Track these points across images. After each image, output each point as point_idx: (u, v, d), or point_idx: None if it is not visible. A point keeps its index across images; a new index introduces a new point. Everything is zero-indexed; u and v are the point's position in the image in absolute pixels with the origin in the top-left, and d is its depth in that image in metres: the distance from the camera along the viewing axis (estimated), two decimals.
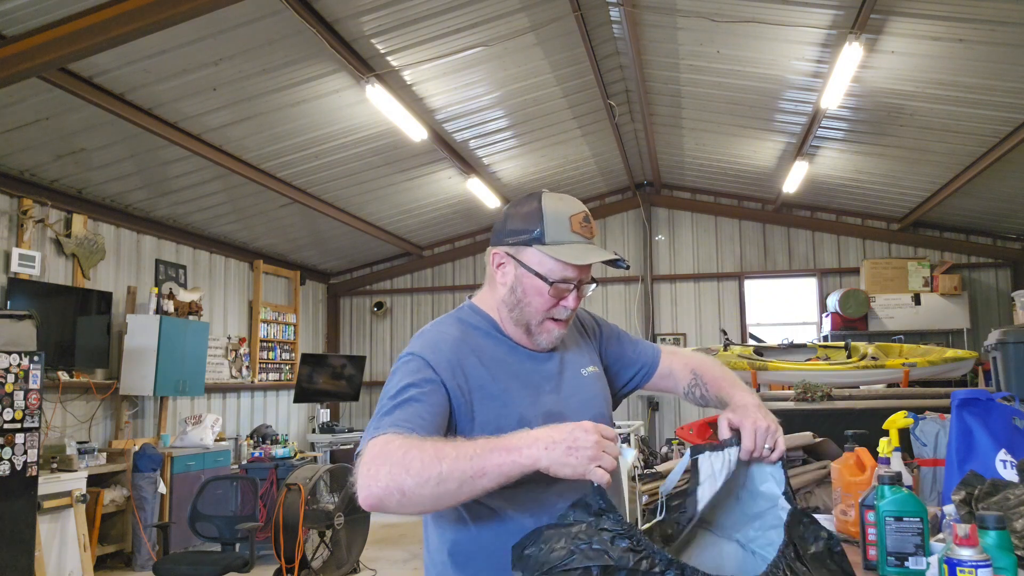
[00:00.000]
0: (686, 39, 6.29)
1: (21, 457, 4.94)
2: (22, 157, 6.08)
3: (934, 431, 2.98)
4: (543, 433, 1.25)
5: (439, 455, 1.24)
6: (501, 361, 1.54)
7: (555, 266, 1.52)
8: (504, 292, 1.58)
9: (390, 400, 1.41)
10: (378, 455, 1.28)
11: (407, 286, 11.23)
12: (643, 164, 9.83)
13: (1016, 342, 4.11)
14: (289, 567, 5.37)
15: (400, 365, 1.50)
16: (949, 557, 1.35)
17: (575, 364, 1.65)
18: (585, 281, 1.56)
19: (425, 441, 1.28)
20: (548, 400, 1.53)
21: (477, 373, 1.49)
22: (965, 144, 6.97)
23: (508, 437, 1.27)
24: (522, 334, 1.58)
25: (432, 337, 1.54)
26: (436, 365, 1.46)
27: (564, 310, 1.56)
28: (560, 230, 1.52)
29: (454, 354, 1.49)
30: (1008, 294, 9.12)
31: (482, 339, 1.57)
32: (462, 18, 5.63)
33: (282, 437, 8.86)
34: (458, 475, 1.23)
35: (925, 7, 5.04)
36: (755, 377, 6.74)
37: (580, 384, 1.62)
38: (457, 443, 1.28)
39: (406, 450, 1.26)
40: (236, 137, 6.51)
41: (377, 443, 1.30)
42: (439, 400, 1.43)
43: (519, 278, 1.55)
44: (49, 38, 4.43)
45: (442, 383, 1.45)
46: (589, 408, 1.57)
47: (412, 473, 1.23)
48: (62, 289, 6.62)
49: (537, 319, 1.56)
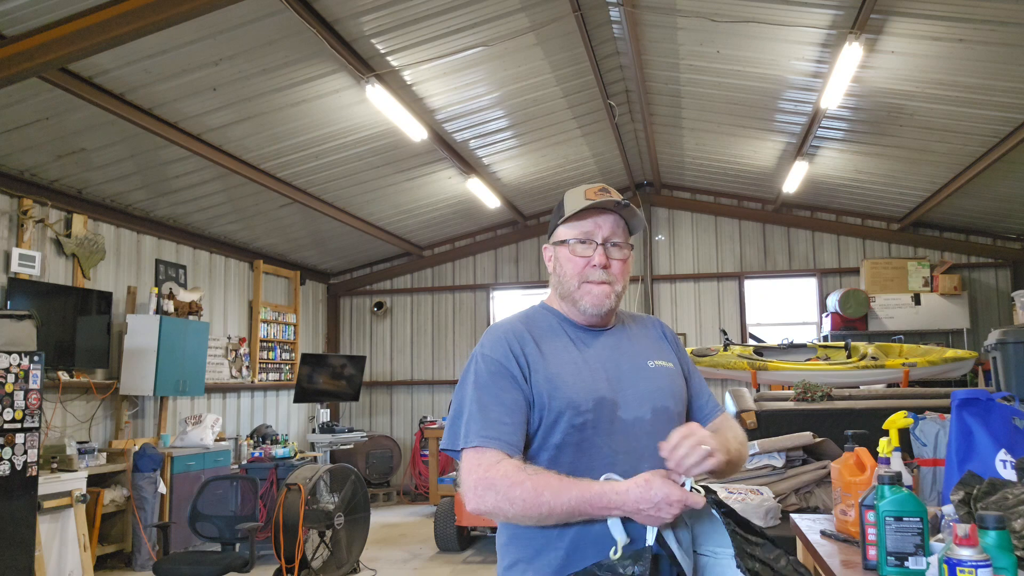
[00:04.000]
0: (686, 39, 6.29)
1: (21, 457, 4.95)
2: (22, 157, 6.08)
3: (934, 431, 2.98)
4: (632, 497, 1.41)
5: (539, 499, 1.44)
6: (559, 349, 1.65)
7: (571, 228, 1.69)
8: (553, 277, 1.75)
9: (474, 403, 1.57)
10: (483, 480, 1.48)
11: (407, 286, 11.23)
12: (643, 164, 9.83)
13: (1016, 342, 4.11)
14: (289, 567, 5.37)
15: (472, 365, 1.64)
16: (949, 557, 1.35)
17: (639, 355, 1.70)
18: (612, 241, 1.68)
19: (527, 476, 1.47)
20: (602, 387, 1.59)
21: (534, 360, 1.61)
22: (965, 144, 6.97)
23: (600, 494, 1.43)
24: (572, 309, 1.70)
25: (496, 334, 1.66)
26: (504, 359, 1.60)
27: (594, 270, 1.66)
28: (576, 203, 1.69)
29: (516, 345, 1.62)
30: (1008, 294, 9.13)
31: (544, 330, 1.69)
32: (462, 18, 5.63)
33: (282, 437, 8.87)
34: (554, 516, 1.45)
35: (925, 7, 5.04)
36: (755, 377, 6.74)
37: (643, 375, 1.66)
38: (554, 485, 1.45)
39: (511, 485, 1.46)
40: (236, 137, 6.51)
41: (480, 461, 1.50)
42: (515, 397, 1.57)
43: (556, 257, 1.73)
44: (49, 38, 4.43)
45: (512, 376, 1.58)
46: (648, 400, 1.62)
47: (515, 507, 1.46)
48: (62, 289, 6.62)
49: (574, 284, 1.67)
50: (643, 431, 1.58)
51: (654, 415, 1.61)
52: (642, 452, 1.55)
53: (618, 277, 1.68)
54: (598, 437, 1.55)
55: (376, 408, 11.12)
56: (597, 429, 1.56)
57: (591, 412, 1.55)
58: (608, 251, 1.67)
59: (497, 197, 9.14)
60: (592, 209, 1.67)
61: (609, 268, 1.67)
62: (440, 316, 11.09)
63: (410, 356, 11.09)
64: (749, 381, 6.84)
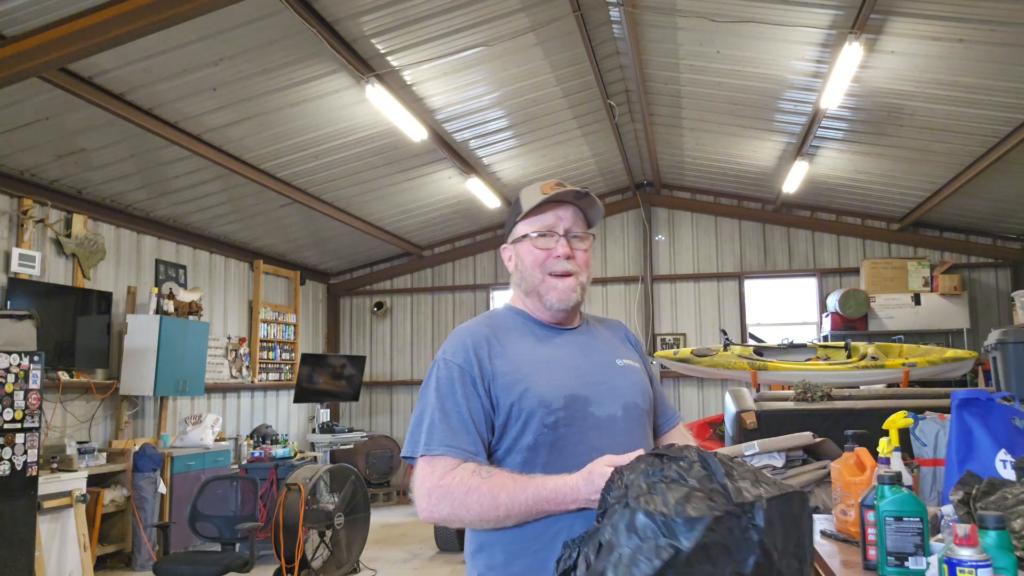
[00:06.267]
0: (686, 39, 6.29)
1: (21, 457, 4.95)
2: (22, 157, 6.08)
3: (934, 431, 2.98)
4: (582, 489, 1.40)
5: (495, 502, 1.43)
6: (528, 350, 1.62)
7: (531, 223, 1.67)
8: (515, 276, 1.72)
9: (436, 411, 1.55)
10: (437, 488, 1.47)
11: (407, 286, 11.23)
12: (643, 164, 9.83)
13: (1016, 342, 4.11)
14: (289, 567, 5.37)
15: (434, 371, 1.61)
16: (949, 557, 1.35)
17: (608, 353, 1.70)
18: (574, 233, 1.67)
19: (481, 480, 1.45)
20: (572, 384, 1.57)
21: (500, 362, 1.58)
22: (965, 144, 6.97)
23: (555, 489, 1.42)
24: (538, 305, 1.68)
25: (459, 337, 1.63)
26: (465, 364, 1.57)
27: (558, 261, 1.65)
28: (531, 198, 1.68)
29: (480, 349, 1.59)
30: (1008, 294, 9.12)
31: (510, 331, 1.66)
32: (462, 18, 5.63)
33: (282, 437, 8.87)
34: (512, 518, 1.45)
35: (925, 7, 5.04)
36: (755, 377, 6.73)
37: (612, 372, 1.65)
38: (509, 486, 1.44)
39: (467, 491, 1.45)
40: (236, 137, 6.51)
41: (433, 469, 1.49)
42: (476, 405, 1.55)
43: (517, 254, 1.71)
44: (49, 38, 4.43)
45: (474, 381, 1.56)
46: (619, 397, 1.61)
47: (472, 512, 1.45)
48: (62, 289, 6.62)
49: (538, 277, 1.66)
50: (617, 429, 1.57)
51: (625, 412, 1.60)
52: (617, 449, 1.50)
53: (582, 268, 1.67)
54: (572, 435, 1.53)
55: (376, 408, 11.12)
56: (571, 427, 1.53)
57: (563, 410, 1.53)
58: (571, 242, 1.66)
59: (497, 197, 9.14)
60: (551, 202, 1.66)
61: (573, 259, 1.65)
62: (440, 316, 11.09)
63: (410, 356, 11.09)
64: (749, 381, 6.84)
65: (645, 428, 1.66)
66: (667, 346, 10.06)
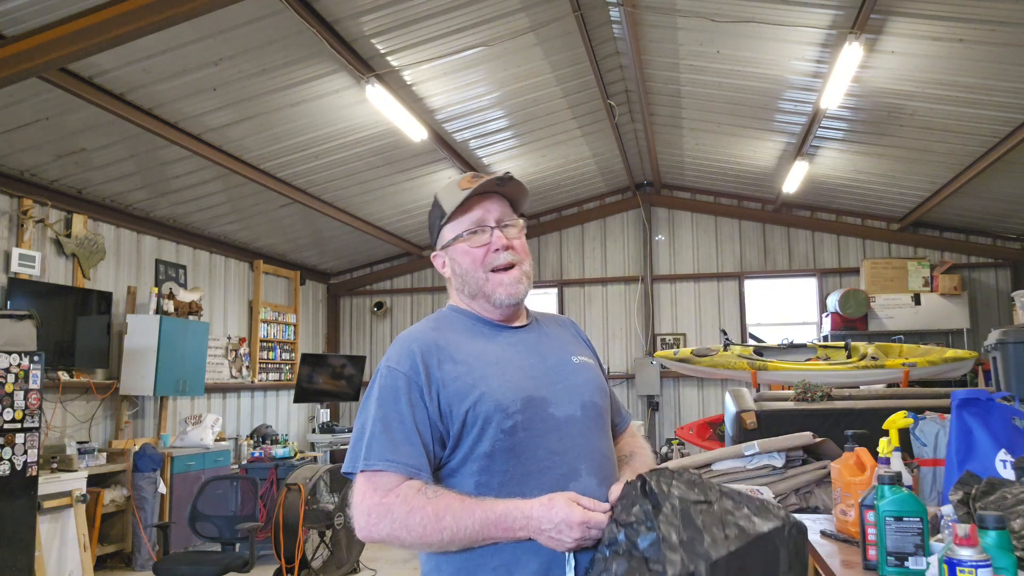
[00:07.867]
0: (686, 39, 6.29)
1: (21, 457, 4.95)
2: (22, 157, 6.08)
3: (934, 431, 2.98)
4: (535, 516, 1.35)
5: (439, 524, 1.36)
6: (478, 352, 1.54)
7: (459, 224, 1.60)
8: (455, 281, 1.64)
9: (377, 422, 1.45)
10: (378, 506, 1.39)
11: (407, 286, 11.23)
12: (643, 164, 9.83)
13: (1016, 342, 4.11)
14: (289, 567, 5.37)
15: (377, 379, 1.52)
16: (949, 557, 1.35)
17: (562, 350, 1.63)
18: (504, 223, 1.61)
19: (426, 500, 1.38)
20: (528, 385, 1.50)
21: (448, 368, 1.49)
22: (965, 144, 6.97)
23: (505, 515, 1.36)
24: (487, 305, 1.61)
25: (403, 344, 1.54)
26: (412, 373, 1.48)
27: (497, 255, 1.58)
28: (453, 198, 1.60)
29: (428, 356, 1.50)
30: (1008, 294, 9.12)
31: (459, 334, 1.58)
32: (462, 18, 5.63)
33: (282, 437, 8.87)
34: (456, 542, 1.38)
35: (925, 7, 5.04)
36: (755, 377, 6.73)
37: (568, 370, 1.59)
38: (456, 508, 1.37)
39: (409, 511, 1.37)
40: (236, 137, 6.51)
41: (375, 486, 1.41)
42: (423, 415, 1.46)
43: (451, 258, 1.63)
44: (49, 38, 4.43)
45: (420, 391, 1.47)
46: (577, 395, 1.55)
47: (413, 535, 1.38)
48: (62, 289, 6.62)
49: (481, 277, 1.59)
50: (576, 429, 1.50)
51: (584, 411, 1.53)
52: (579, 451, 1.47)
53: (523, 255, 1.61)
54: (531, 439, 1.45)
55: None
56: (530, 431, 1.45)
57: (520, 413, 1.45)
58: (504, 232, 1.60)
59: None
60: (474, 197, 1.59)
61: (512, 248, 1.59)
62: None
63: None
64: (749, 381, 6.84)
65: (604, 427, 1.60)
66: (667, 346, 10.07)
